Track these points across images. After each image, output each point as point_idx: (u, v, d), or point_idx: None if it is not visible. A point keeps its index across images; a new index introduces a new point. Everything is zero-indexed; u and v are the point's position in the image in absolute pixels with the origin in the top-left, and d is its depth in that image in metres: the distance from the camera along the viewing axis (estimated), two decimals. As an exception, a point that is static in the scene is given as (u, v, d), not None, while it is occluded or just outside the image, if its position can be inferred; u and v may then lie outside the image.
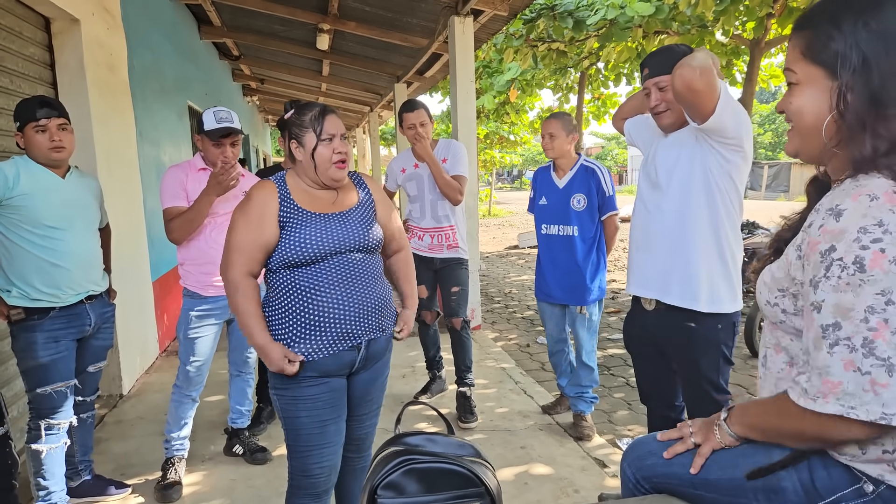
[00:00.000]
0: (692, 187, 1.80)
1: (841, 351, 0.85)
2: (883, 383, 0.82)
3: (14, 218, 2.01)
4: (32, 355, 2.06)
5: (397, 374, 3.83)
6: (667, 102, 1.83)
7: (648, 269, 1.93)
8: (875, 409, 0.83)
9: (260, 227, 1.58)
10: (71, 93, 3.18)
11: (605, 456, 2.70)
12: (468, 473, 1.10)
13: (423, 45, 5.87)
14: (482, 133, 15.61)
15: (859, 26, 0.87)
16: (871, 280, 0.82)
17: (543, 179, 2.97)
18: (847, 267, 0.84)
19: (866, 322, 0.83)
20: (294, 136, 1.65)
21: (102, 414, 3.26)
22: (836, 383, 0.85)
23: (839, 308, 0.85)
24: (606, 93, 10.58)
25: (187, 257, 2.47)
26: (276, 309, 1.62)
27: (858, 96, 0.87)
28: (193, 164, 2.48)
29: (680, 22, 6.21)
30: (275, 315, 1.62)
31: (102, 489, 2.42)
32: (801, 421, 0.92)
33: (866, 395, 0.83)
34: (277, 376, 1.62)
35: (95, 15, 3.40)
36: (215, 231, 2.46)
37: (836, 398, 0.85)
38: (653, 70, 1.85)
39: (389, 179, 3.31)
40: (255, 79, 10.09)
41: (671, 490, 1.16)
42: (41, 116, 2.04)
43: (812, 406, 0.88)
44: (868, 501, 0.93)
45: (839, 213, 0.86)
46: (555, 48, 7.59)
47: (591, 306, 2.87)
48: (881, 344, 0.82)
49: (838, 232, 0.85)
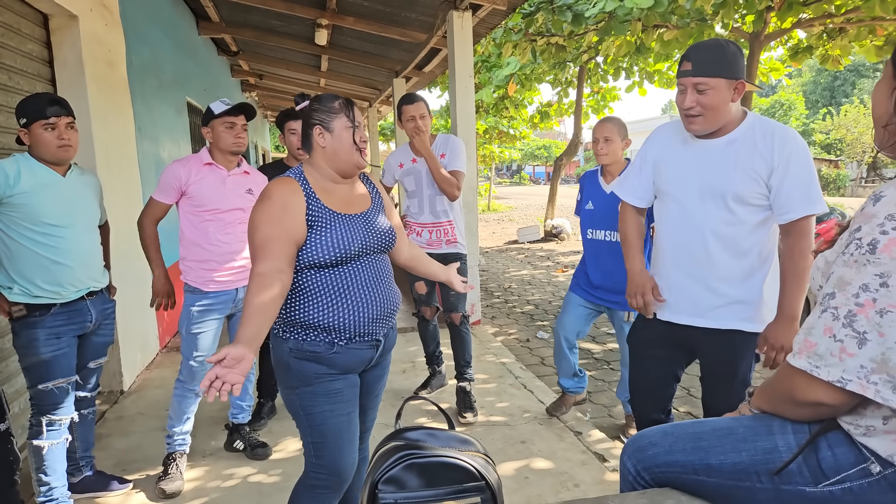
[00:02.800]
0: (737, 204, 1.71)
1: (826, 317, 0.92)
2: (851, 353, 0.89)
3: (15, 216, 2.01)
4: (34, 352, 2.07)
5: (397, 370, 3.84)
6: (702, 107, 1.67)
7: (701, 295, 1.79)
8: (835, 372, 0.90)
9: (289, 224, 1.52)
10: (69, 89, 3.17)
11: (605, 450, 2.72)
12: (468, 468, 1.11)
13: (421, 39, 5.85)
14: (481, 128, 15.58)
15: None
16: (876, 262, 0.88)
17: (591, 184, 2.88)
18: (861, 246, 0.90)
19: (856, 297, 0.89)
20: (320, 121, 1.61)
21: (103, 410, 3.26)
22: (812, 343, 0.94)
23: (840, 280, 0.92)
24: (606, 87, 10.58)
25: (189, 253, 2.48)
26: (299, 308, 1.57)
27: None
28: (200, 159, 2.49)
29: (679, 15, 6.20)
30: (297, 313, 1.57)
31: (104, 485, 2.43)
32: (785, 378, 1.00)
33: (832, 359, 0.91)
34: (299, 376, 1.58)
35: (93, 11, 3.39)
36: (219, 230, 2.47)
37: (807, 356, 0.94)
38: (696, 68, 1.65)
39: (386, 175, 3.30)
40: (253, 74, 10.05)
41: (672, 481, 1.17)
42: (51, 114, 2.03)
43: (790, 360, 0.97)
44: (873, 482, 0.94)
45: (879, 198, 0.92)
46: (553, 42, 7.57)
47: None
48: (862, 318, 0.88)
49: (870, 215, 0.91)
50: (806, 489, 0.99)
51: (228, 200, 2.48)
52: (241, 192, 2.54)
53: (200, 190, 2.43)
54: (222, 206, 2.46)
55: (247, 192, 2.56)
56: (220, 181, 2.48)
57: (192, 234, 2.47)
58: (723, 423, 1.16)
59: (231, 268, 2.51)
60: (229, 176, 2.51)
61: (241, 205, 2.53)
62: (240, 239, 2.53)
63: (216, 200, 2.45)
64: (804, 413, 1.00)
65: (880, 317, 0.87)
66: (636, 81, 8.88)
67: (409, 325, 4.96)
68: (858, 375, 0.89)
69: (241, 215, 2.54)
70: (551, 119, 12.46)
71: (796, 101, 30.84)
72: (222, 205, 2.46)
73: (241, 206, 2.53)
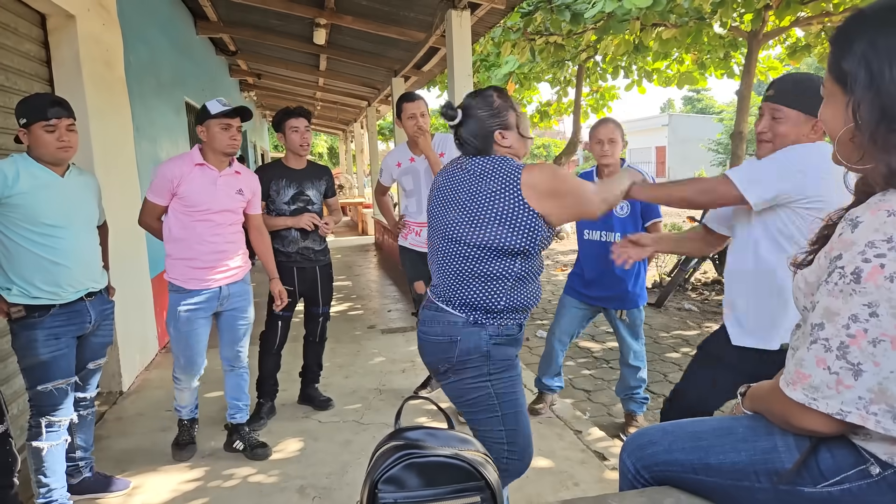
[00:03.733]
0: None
1: (817, 349, 0.91)
2: (848, 385, 0.88)
3: (13, 216, 2.00)
4: (33, 353, 2.07)
5: (397, 369, 3.84)
6: (773, 133, 1.69)
7: (765, 317, 1.72)
8: (834, 404, 0.90)
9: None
10: (67, 89, 3.16)
11: (604, 449, 2.72)
12: (468, 467, 1.11)
13: (420, 39, 5.85)
14: (480, 127, 15.53)
15: (867, 44, 0.90)
16: (862, 291, 0.86)
17: None
18: (845, 275, 0.88)
19: (847, 328, 0.88)
20: (502, 124, 1.68)
21: (102, 411, 3.26)
22: (805, 375, 0.93)
23: (827, 311, 0.90)
24: (605, 86, 10.56)
25: (175, 250, 2.50)
26: (503, 294, 1.63)
27: (869, 112, 0.90)
28: (191, 159, 2.48)
29: (678, 14, 6.19)
30: (502, 299, 1.63)
31: (103, 486, 2.43)
32: (779, 402, 1.00)
33: (829, 391, 0.90)
34: (498, 361, 1.64)
35: (91, 11, 3.38)
36: (209, 230, 2.48)
37: (803, 388, 0.93)
38: (777, 95, 1.68)
39: (384, 174, 3.29)
40: (252, 74, 10.05)
41: (672, 479, 1.17)
42: (52, 116, 2.02)
43: (784, 390, 0.96)
44: (873, 483, 0.94)
45: (856, 224, 0.90)
46: (552, 41, 7.56)
47: (633, 311, 2.85)
48: (855, 350, 0.87)
49: (849, 242, 0.89)
50: (805, 490, 0.99)
51: (219, 201, 2.49)
52: (232, 193, 2.54)
53: (191, 191, 2.44)
54: (213, 207, 2.47)
55: (237, 192, 2.57)
56: (210, 182, 2.48)
57: (181, 232, 2.48)
58: (722, 423, 1.16)
59: (216, 268, 2.52)
60: (220, 177, 2.51)
61: (231, 206, 2.54)
62: (228, 240, 2.55)
63: (207, 201, 2.46)
64: (800, 434, 1.01)
65: (873, 346, 0.86)
66: (635, 80, 8.87)
67: (408, 324, 4.97)
68: (857, 407, 0.88)
69: (232, 216, 2.55)
70: (550, 118, 12.44)
71: (795, 100, 30.86)
72: (213, 206, 2.47)
73: (231, 208, 2.54)
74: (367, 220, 12.43)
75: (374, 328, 4.97)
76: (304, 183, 3.02)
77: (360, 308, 5.81)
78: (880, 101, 0.89)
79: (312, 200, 3.04)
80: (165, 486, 2.49)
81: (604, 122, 2.79)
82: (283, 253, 3.03)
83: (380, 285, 7.05)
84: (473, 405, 1.66)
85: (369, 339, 4.64)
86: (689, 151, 32.07)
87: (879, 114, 0.89)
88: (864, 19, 0.92)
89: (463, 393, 1.67)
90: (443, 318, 1.66)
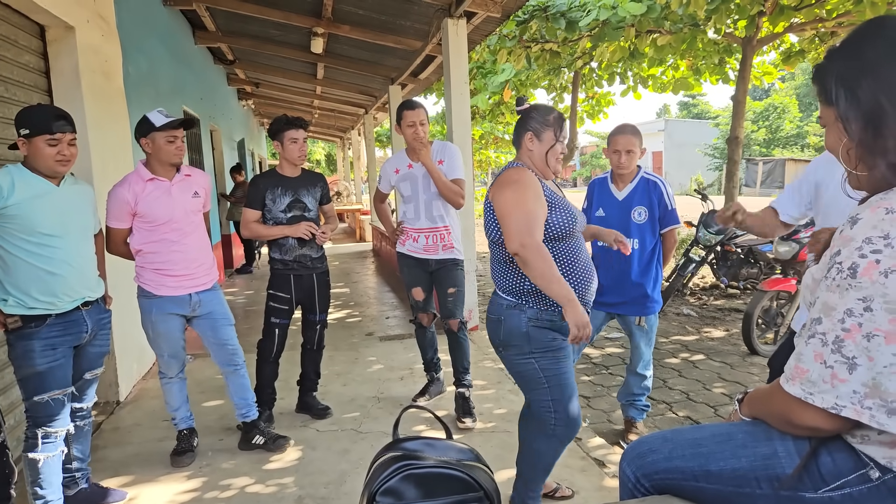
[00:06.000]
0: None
1: (815, 343, 0.93)
2: (842, 378, 0.90)
3: (9, 227, 2.00)
4: (29, 363, 2.06)
5: (395, 377, 3.83)
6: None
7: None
8: (829, 398, 0.91)
9: (541, 202, 1.83)
10: (66, 100, 3.17)
11: (604, 456, 2.71)
12: (467, 478, 1.11)
13: (416, 47, 5.88)
14: (477, 134, 15.62)
15: (842, 63, 0.99)
16: (857, 286, 0.89)
17: (602, 191, 2.85)
18: (842, 271, 0.91)
19: (842, 322, 0.90)
20: (533, 129, 1.93)
21: (99, 421, 3.24)
22: (804, 370, 0.94)
23: (825, 306, 0.93)
24: (600, 92, 10.61)
25: (143, 259, 2.53)
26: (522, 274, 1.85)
27: (856, 124, 0.96)
28: (140, 176, 2.50)
29: (672, 20, 6.23)
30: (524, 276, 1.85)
31: (100, 497, 2.41)
32: (780, 400, 1.00)
33: (825, 385, 0.91)
34: (537, 343, 1.84)
35: (90, 22, 3.39)
36: (177, 239, 2.51)
37: (801, 383, 0.95)
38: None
39: (383, 181, 3.30)
40: (249, 83, 10.08)
41: (672, 487, 1.17)
42: (57, 130, 2.02)
43: (784, 386, 0.97)
44: (873, 488, 0.95)
45: (855, 221, 0.93)
46: (548, 49, 7.61)
47: (650, 318, 2.85)
48: (850, 344, 0.89)
49: (848, 239, 0.92)
50: (805, 495, 0.99)
51: (179, 209, 2.52)
52: (189, 197, 2.57)
53: (150, 207, 2.46)
54: (175, 216, 2.50)
55: (193, 195, 2.59)
56: (165, 193, 2.50)
57: (150, 246, 2.52)
58: (722, 429, 1.16)
59: (187, 275, 2.56)
60: (173, 185, 2.53)
61: (192, 208, 2.58)
62: (196, 246, 2.58)
63: (168, 213, 2.49)
64: (801, 433, 1.01)
65: (867, 341, 0.88)
66: (630, 86, 8.91)
67: (406, 331, 4.96)
68: (852, 401, 0.89)
69: (195, 218, 2.59)
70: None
71: (790, 104, 30.95)
72: (174, 215, 2.50)
73: (192, 210, 2.58)
74: (365, 227, 12.44)
75: (372, 335, 4.96)
76: (300, 190, 3.02)
77: (358, 315, 5.80)
78: (863, 112, 0.95)
79: (309, 207, 3.05)
80: (162, 497, 2.47)
81: (622, 131, 2.71)
82: (281, 261, 3.03)
83: (378, 292, 7.04)
84: (521, 377, 1.93)
85: (367, 346, 4.63)
86: (685, 156, 32.18)
87: (864, 125, 0.94)
88: (833, 54, 1.02)
89: (512, 366, 1.94)
90: (496, 300, 1.97)
